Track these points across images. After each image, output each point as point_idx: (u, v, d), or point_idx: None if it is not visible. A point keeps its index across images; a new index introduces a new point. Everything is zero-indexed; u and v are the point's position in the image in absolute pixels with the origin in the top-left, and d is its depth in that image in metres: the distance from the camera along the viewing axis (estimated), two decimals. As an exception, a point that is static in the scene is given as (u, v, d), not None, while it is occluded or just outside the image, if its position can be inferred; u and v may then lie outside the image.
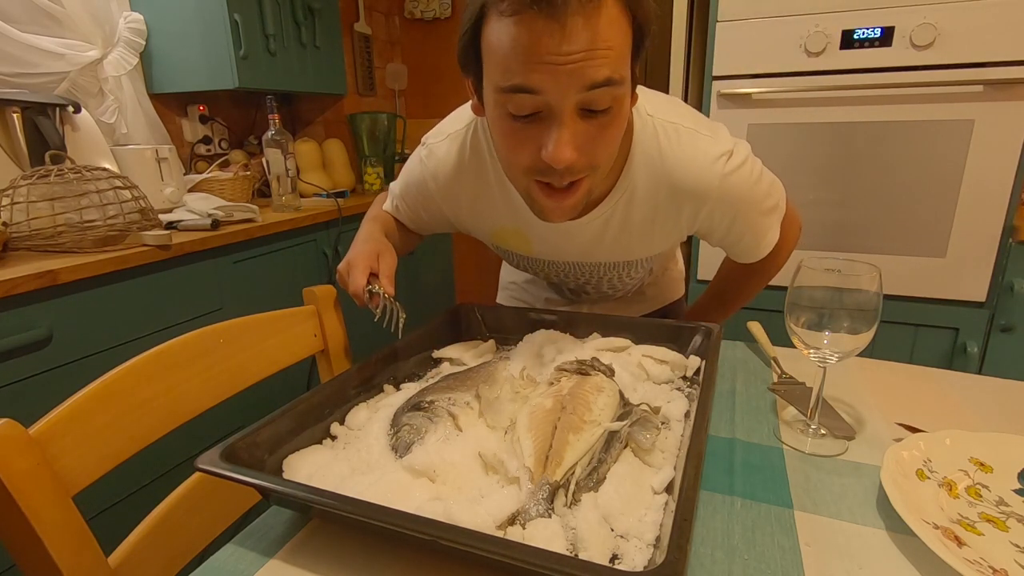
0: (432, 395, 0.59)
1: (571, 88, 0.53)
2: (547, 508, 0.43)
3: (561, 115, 0.55)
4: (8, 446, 0.45)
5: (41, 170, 1.21)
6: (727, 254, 0.86)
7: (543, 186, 0.61)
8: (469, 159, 0.76)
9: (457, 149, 0.77)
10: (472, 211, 0.82)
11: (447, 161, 0.78)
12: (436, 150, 0.79)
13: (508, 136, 0.59)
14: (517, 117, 0.56)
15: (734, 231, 0.76)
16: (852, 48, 1.38)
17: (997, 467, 0.51)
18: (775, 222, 0.79)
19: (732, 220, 0.74)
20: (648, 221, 0.75)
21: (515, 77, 0.53)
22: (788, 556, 0.43)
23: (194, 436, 0.83)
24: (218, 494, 0.66)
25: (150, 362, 0.62)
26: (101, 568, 0.51)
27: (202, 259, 1.38)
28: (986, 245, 1.39)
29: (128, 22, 1.69)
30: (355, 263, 0.72)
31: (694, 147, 0.69)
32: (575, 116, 0.55)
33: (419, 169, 0.82)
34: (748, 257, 0.83)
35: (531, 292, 1.05)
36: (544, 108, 0.55)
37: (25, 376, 1.05)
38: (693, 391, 0.65)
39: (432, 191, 0.81)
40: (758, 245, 0.80)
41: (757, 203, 0.75)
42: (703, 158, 0.69)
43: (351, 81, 2.44)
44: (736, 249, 0.82)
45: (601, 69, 0.52)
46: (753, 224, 0.77)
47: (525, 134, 0.57)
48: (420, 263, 2.39)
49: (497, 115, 0.58)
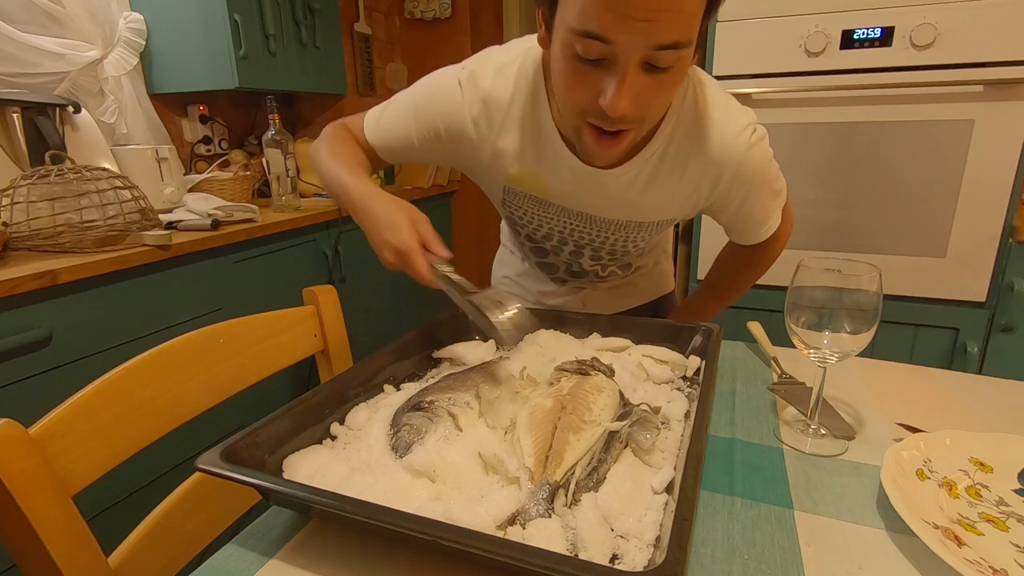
0: (432, 395, 0.59)
1: (640, 44, 0.54)
2: (547, 508, 0.43)
3: (626, 66, 0.56)
4: (8, 446, 0.45)
5: (41, 170, 1.21)
6: (730, 235, 0.88)
7: (594, 129, 0.63)
8: (516, 92, 0.75)
9: (506, 81, 0.75)
10: (503, 149, 0.78)
11: (496, 90, 0.75)
12: (482, 78, 0.75)
13: (569, 75, 0.60)
14: (583, 59, 0.58)
15: (745, 207, 0.78)
16: (852, 48, 1.38)
17: (997, 467, 0.51)
18: (779, 207, 0.82)
19: (745, 195, 0.76)
20: (675, 181, 0.76)
21: (590, 23, 0.54)
22: (788, 556, 0.43)
23: (194, 436, 0.83)
24: (218, 494, 0.66)
25: (150, 362, 0.62)
26: (101, 568, 0.51)
27: (202, 259, 1.38)
28: (986, 245, 1.39)
29: (128, 22, 1.69)
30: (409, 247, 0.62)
31: (728, 113, 0.71)
32: (638, 69, 0.56)
33: (452, 95, 0.75)
34: (750, 238, 0.84)
35: (524, 285, 1.05)
36: (610, 56, 0.56)
37: (25, 376, 1.05)
38: (693, 391, 0.65)
39: (463, 120, 0.76)
40: (761, 226, 0.82)
41: (769, 183, 0.77)
42: (734, 126, 0.71)
43: (351, 81, 2.44)
44: (741, 228, 0.83)
45: (672, 31, 0.54)
46: (762, 203, 0.79)
47: (587, 77, 0.59)
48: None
49: (563, 54, 0.60)
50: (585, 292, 1.01)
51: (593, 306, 1.02)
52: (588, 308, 1.01)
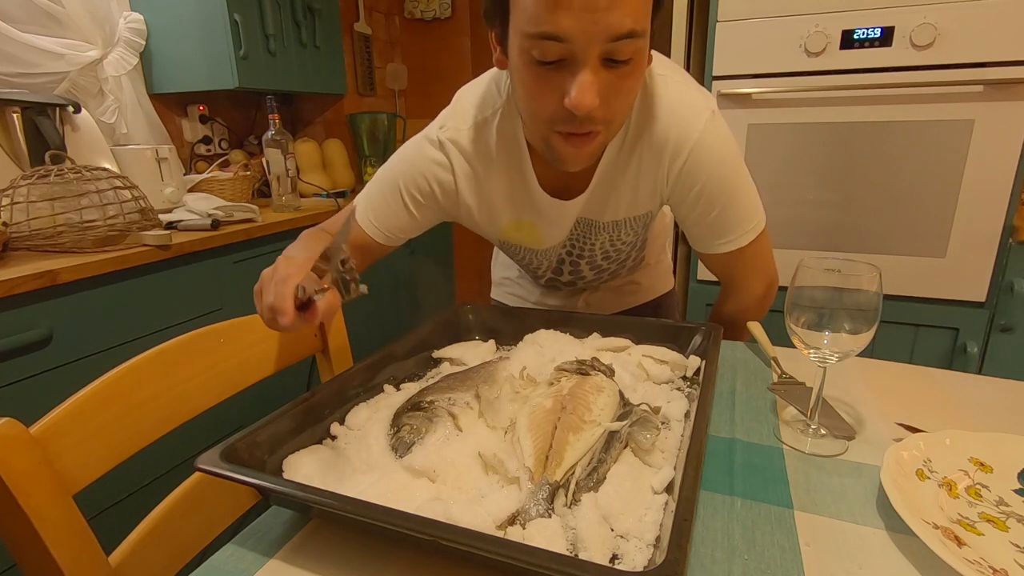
0: (432, 395, 0.59)
1: (596, 37, 0.55)
2: (547, 508, 0.43)
3: (585, 62, 0.56)
4: (9, 445, 0.45)
5: (41, 170, 1.21)
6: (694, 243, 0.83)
7: (563, 134, 0.63)
8: (498, 147, 0.76)
9: (487, 136, 0.76)
10: (493, 205, 0.80)
11: (478, 150, 0.76)
12: (461, 139, 0.76)
13: (531, 84, 0.61)
14: (542, 63, 0.58)
15: (703, 201, 0.75)
16: (852, 48, 1.38)
17: (997, 467, 0.51)
18: (746, 218, 0.77)
19: (703, 185, 0.73)
20: (633, 179, 0.75)
21: (544, 24, 0.55)
22: (788, 556, 0.43)
23: (194, 436, 0.83)
24: (218, 494, 0.66)
25: (150, 362, 0.62)
26: (101, 567, 0.51)
27: (202, 259, 1.38)
28: (986, 245, 1.39)
29: (128, 22, 1.69)
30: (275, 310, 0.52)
31: (681, 95, 0.71)
32: (598, 65, 0.57)
33: (429, 164, 0.78)
34: (712, 243, 0.79)
35: (525, 287, 1.06)
36: (568, 56, 0.56)
37: (25, 376, 1.05)
38: (693, 391, 0.65)
39: (445, 186, 0.78)
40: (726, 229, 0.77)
41: (731, 176, 0.74)
42: (689, 108, 0.71)
43: (351, 81, 2.44)
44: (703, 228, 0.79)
45: (625, 20, 0.54)
46: (725, 201, 0.75)
47: (549, 81, 0.59)
48: (420, 263, 2.39)
49: (523, 62, 0.60)
50: (586, 293, 1.01)
51: (595, 306, 1.02)
52: (590, 308, 1.02)
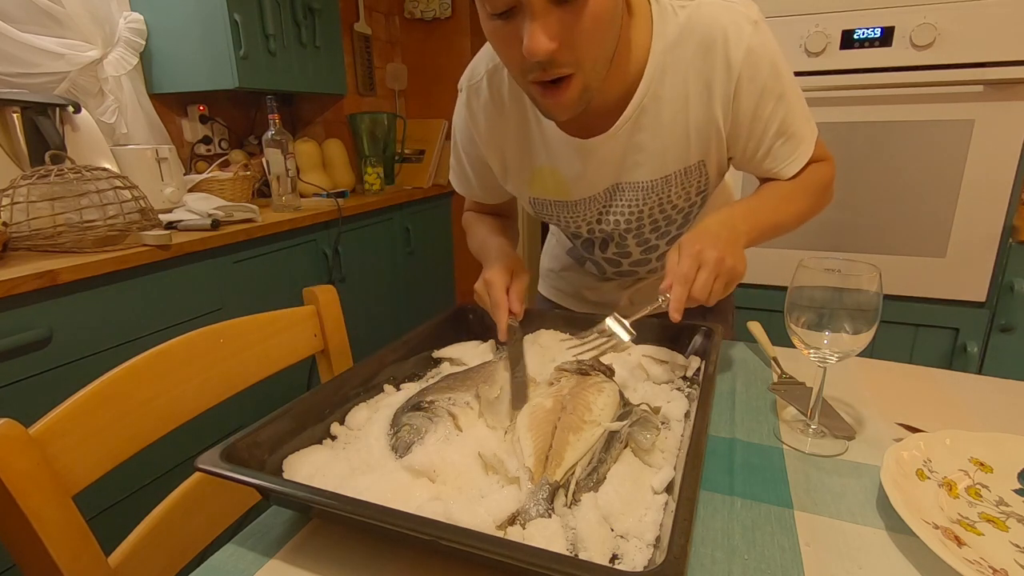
0: (432, 395, 0.59)
1: None
2: (547, 508, 0.43)
3: (531, 6, 0.54)
4: (8, 446, 0.45)
5: (41, 170, 1.21)
6: (757, 170, 0.77)
7: (538, 84, 0.61)
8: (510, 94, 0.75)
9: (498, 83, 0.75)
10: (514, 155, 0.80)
11: (492, 96, 0.76)
12: (477, 87, 0.76)
13: (495, 39, 0.60)
14: (495, 16, 0.57)
15: (763, 110, 0.69)
16: (852, 48, 1.38)
17: (997, 467, 0.51)
18: (807, 130, 0.73)
19: (760, 94, 0.68)
20: (681, 111, 0.70)
21: None
22: (788, 556, 0.43)
23: (194, 436, 0.84)
24: (218, 494, 0.66)
25: (150, 362, 0.62)
26: (101, 568, 0.51)
27: (202, 259, 1.38)
28: (986, 245, 1.39)
29: (128, 22, 1.69)
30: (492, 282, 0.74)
31: (724, 8, 0.67)
32: (547, 5, 0.55)
33: (463, 119, 0.80)
34: (781, 163, 0.74)
35: (567, 279, 1.03)
36: (516, 3, 0.55)
37: (25, 376, 1.05)
38: (693, 391, 0.65)
39: (476, 134, 0.80)
40: (793, 144, 0.72)
41: (786, 80, 0.69)
42: (733, 12, 0.66)
43: (351, 81, 2.44)
44: (767, 150, 0.73)
45: None
46: (784, 109, 0.70)
47: (508, 34, 0.58)
48: (420, 263, 2.39)
49: (483, 20, 0.59)
50: (630, 291, 0.96)
51: (642, 301, 0.94)
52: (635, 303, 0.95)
